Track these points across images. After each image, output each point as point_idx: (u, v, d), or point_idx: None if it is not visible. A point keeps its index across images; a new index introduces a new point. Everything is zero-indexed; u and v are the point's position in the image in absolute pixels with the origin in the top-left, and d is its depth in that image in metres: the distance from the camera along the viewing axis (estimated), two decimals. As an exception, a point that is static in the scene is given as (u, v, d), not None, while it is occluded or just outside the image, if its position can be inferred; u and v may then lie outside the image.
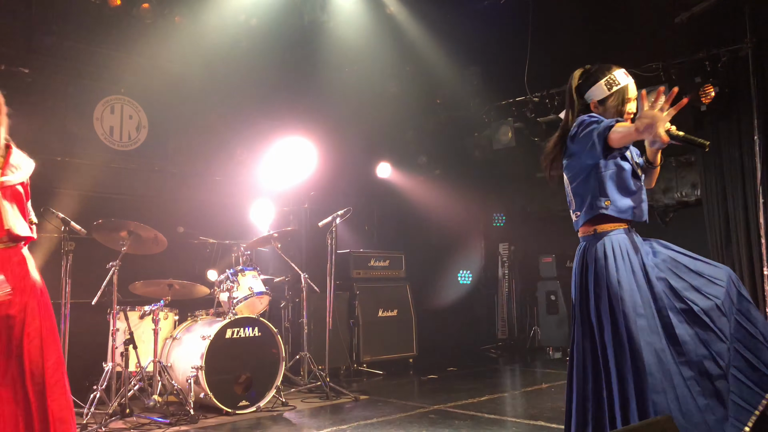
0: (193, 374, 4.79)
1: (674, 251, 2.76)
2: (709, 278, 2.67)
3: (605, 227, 2.73)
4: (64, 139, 6.19)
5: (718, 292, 2.63)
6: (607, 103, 2.77)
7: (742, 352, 2.59)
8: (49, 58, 6.04)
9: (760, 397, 2.53)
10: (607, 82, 2.77)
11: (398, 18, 7.47)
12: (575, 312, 2.79)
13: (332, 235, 6.09)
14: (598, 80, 2.79)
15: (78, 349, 5.01)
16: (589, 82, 2.82)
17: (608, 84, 2.77)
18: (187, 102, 7.02)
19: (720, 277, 2.67)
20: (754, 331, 2.60)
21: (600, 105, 2.78)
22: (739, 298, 2.66)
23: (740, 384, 2.56)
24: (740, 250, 6.17)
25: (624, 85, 2.78)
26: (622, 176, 2.73)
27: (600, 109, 2.78)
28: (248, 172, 7.42)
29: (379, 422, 4.64)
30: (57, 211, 4.57)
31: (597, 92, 2.78)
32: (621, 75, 2.79)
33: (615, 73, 2.79)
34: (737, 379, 2.57)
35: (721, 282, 2.65)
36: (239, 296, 5.28)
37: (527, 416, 4.70)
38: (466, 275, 9.54)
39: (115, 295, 4.71)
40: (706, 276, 2.67)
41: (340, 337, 6.89)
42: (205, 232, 6.13)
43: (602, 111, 2.77)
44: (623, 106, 2.76)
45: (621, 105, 2.76)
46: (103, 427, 4.33)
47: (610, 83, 2.77)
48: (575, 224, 2.88)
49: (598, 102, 2.78)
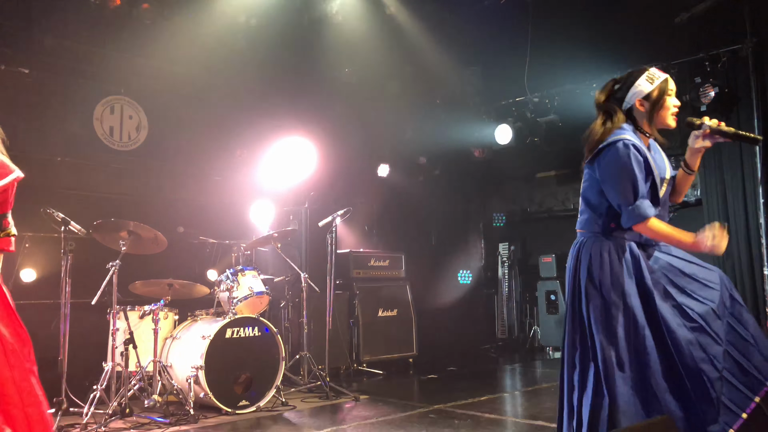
0: (193, 374, 4.79)
1: (669, 255, 2.77)
2: (703, 282, 2.69)
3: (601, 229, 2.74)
4: (64, 139, 6.19)
5: (713, 296, 2.65)
6: (652, 97, 2.73)
7: (734, 355, 2.60)
8: (49, 58, 6.04)
9: (749, 401, 2.54)
10: (647, 77, 2.74)
11: (398, 18, 7.48)
12: (567, 307, 2.80)
13: (332, 235, 6.09)
14: (637, 79, 2.76)
15: (78, 349, 5.01)
16: (627, 85, 2.78)
17: (649, 78, 2.74)
18: (187, 102, 7.02)
19: (713, 280, 2.70)
20: (746, 333, 2.62)
21: (646, 101, 2.73)
22: (732, 301, 2.68)
23: (730, 386, 2.58)
24: (740, 250, 6.17)
25: (665, 77, 2.77)
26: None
27: (646, 105, 2.73)
28: (248, 172, 7.42)
29: (379, 422, 4.64)
30: (57, 211, 4.57)
31: (640, 89, 2.74)
32: (657, 71, 2.78)
33: (651, 69, 2.78)
34: (728, 381, 2.58)
35: (714, 285, 2.68)
36: (239, 296, 5.28)
37: (527, 416, 4.70)
38: (466, 275, 9.54)
39: (115, 295, 4.71)
40: (701, 280, 2.70)
41: (340, 337, 6.89)
42: (205, 232, 6.13)
43: (648, 107, 2.73)
44: (665, 96, 2.74)
45: (665, 95, 2.74)
46: (103, 427, 4.33)
47: (651, 77, 2.74)
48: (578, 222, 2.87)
49: (644, 98, 2.73)
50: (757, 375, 2.56)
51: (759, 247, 5.93)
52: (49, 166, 6.07)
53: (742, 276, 6.12)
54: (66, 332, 4.54)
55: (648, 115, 2.74)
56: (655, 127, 2.77)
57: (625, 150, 2.60)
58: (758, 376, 2.56)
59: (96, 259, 4.96)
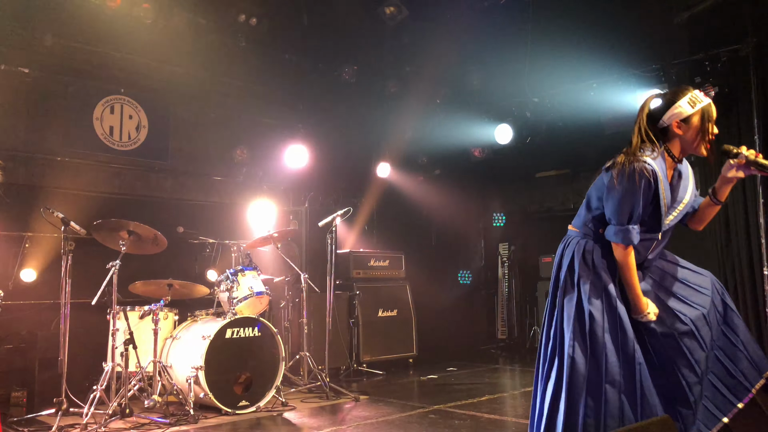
0: (193, 374, 4.79)
1: (661, 259, 2.79)
2: (695, 286, 2.72)
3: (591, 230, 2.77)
4: (64, 139, 6.20)
5: (704, 302, 2.67)
6: (691, 121, 2.62)
7: (722, 360, 2.63)
8: (49, 58, 6.04)
9: (731, 406, 2.56)
10: (689, 99, 2.63)
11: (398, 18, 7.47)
12: (549, 298, 2.81)
13: (332, 235, 6.09)
14: (678, 99, 2.64)
15: (78, 349, 5.01)
16: (667, 103, 2.67)
17: (691, 101, 2.62)
18: (187, 102, 7.02)
19: (705, 285, 2.73)
20: (735, 340, 2.64)
21: (684, 123, 2.63)
22: (724, 306, 2.70)
23: (715, 390, 2.60)
24: (740, 250, 6.16)
25: (708, 102, 2.64)
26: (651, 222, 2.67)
27: (683, 128, 2.63)
28: (248, 172, 7.42)
29: (379, 422, 4.64)
30: (57, 211, 4.57)
31: (679, 111, 2.62)
32: (700, 94, 2.66)
33: (695, 92, 2.65)
34: (713, 385, 2.61)
35: (706, 291, 2.71)
36: (239, 296, 5.28)
37: (527, 416, 4.68)
38: (466, 275, 9.54)
39: (115, 295, 4.71)
40: (692, 284, 2.72)
41: (340, 337, 6.89)
42: (205, 232, 6.13)
43: (685, 130, 2.63)
44: (707, 124, 2.62)
45: (705, 123, 2.62)
46: (103, 427, 4.33)
47: (693, 100, 2.62)
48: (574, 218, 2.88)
49: (682, 121, 2.63)
50: (743, 381, 2.57)
51: (759, 247, 5.92)
52: (49, 166, 6.07)
53: (742, 276, 6.12)
54: (66, 332, 4.53)
55: (682, 139, 2.65)
56: (686, 153, 2.69)
57: (641, 176, 2.53)
58: (744, 382, 2.57)
59: (96, 259, 4.96)
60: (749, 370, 2.58)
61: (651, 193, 2.58)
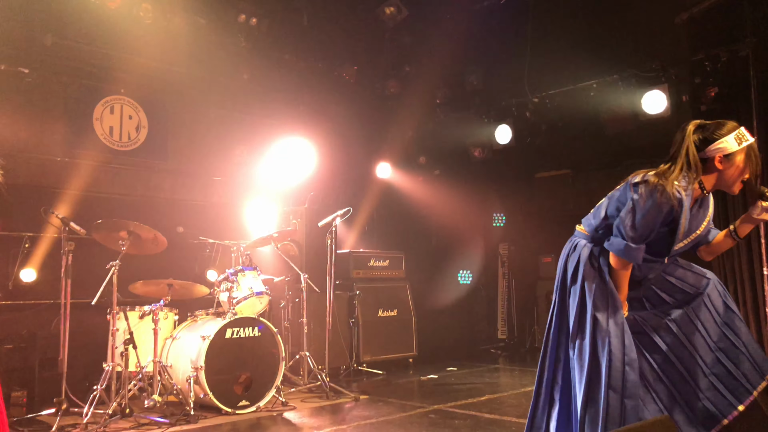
0: (193, 374, 4.79)
1: None
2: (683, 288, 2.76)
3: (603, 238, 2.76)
4: (64, 139, 6.20)
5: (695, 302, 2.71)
6: (734, 159, 2.56)
7: (724, 362, 2.63)
8: (49, 58, 6.04)
9: (732, 408, 2.56)
10: (736, 136, 2.56)
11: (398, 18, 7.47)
12: (555, 299, 2.81)
13: (332, 235, 6.09)
14: (724, 135, 2.57)
15: (78, 349, 5.02)
16: (711, 135, 2.59)
17: (738, 138, 2.56)
18: (187, 102, 7.02)
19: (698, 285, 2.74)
20: (737, 341, 2.64)
21: (726, 159, 2.57)
22: (725, 308, 2.70)
23: (716, 392, 2.60)
24: (740, 250, 6.16)
25: (752, 141, 2.58)
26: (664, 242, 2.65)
27: (725, 164, 2.57)
28: (248, 172, 7.42)
29: (379, 422, 4.64)
30: (57, 211, 4.57)
31: (725, 146, 2.55)
32: (747, 133, 2.60)
33: (742, 129, 2.60)
34: (714, 386, 2.61)
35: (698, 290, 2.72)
36: (239, 296, 5.28)
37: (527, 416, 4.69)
38: (466, 275, 9.54)
39: (115, 295, 4.71)
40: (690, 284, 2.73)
41: (340, 337, 6.89)
42: (205, 232, 6.13)
43: (727, 166, 2.58)
44: (747, 164, 2.58)
45: (744, 163, 2.58)
46: (103, 427, 4.33)
47: (740, 138, 2.57)
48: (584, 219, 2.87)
49: (725, 156, 2.56)
50: (744, 383, 2.57)
51: (759, 247, 5.92)
52: (49, 166, 6.07)
53: (742, 276, 6.12)
54: (66, 332, 4.54)
55: (720, 174, 2.60)
56: (718, 188, 2.66)
57: (668, 204, 2.49)
58: (745, 384, 2.57)
59: (96, 259, 4.97)
60: (751, 372, 2.58)
61: (669, 219, 2.55)
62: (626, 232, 2.57)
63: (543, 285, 8.52)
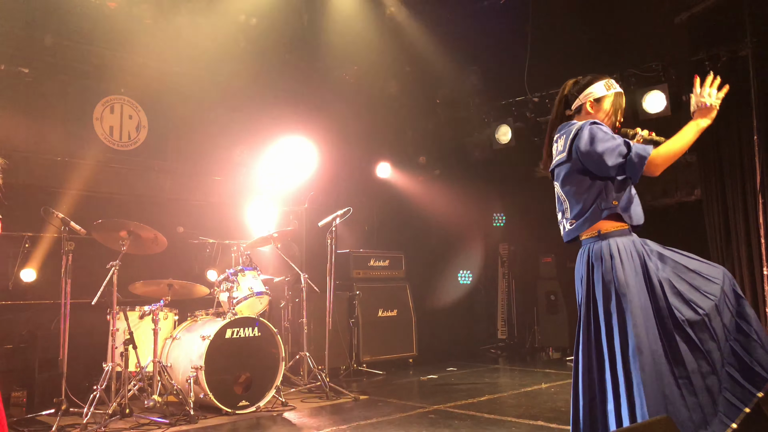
0: (193, 374, 4.79)
1: (671, 251, 2.78)
2: (707, 277, 2.72)
3: (609, 228, 2.74)
4: (64, 139, 6.20)
5: (716, 291, 2.68)
6: (602, 103, 2.85)
7: (738, 351, 2.62)
8: (49, 58, 6.04)
9: (751, 396, 2.56)
10: (606, 84, 2.87)
11: (398, 18, 7.48)
12: (581, 313, 2.79)
13: (332, 235, 6.09)
14: (595, 82, 2.88)
15: (78, 349, 5.01)
16: (584, 85, 2.90)
17: (607, 85, 2.86)
18: (187, 102, 7.02)
19: (717, 275, 2.72)
20: (749, 329, 2.64)
21: (596, 103, 2.85)
22: (736, 297, 2.70)
23: (733, 382, 2.59)
24: (740, 250, 6.17)
25: (621, 91, 2.89)
26: (626, 181, 2.76)
27: (595, 108, 2.85)
28: (248, 172, 7.42)
29: (379, 422, 4.64)
30: (57, 211, 4.57)
31: (595, 91, 2.86)
32: (615, 83, 2.90)
33: (611, 79, 2.90)
34: (731, 377, 2.61)
35: (717, 280, 2.70)
36: (239, 296, 5.28)
37: (527, 416, 4.70)
38: (466, 275, 9.53)
39: (115, 295, 4.71)
40: (704, 275, 2.71)
41: (340, 337, 6.89)
42: (205, 232, 6.13)
43: (596, 111, 2.85)
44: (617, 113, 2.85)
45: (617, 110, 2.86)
46: (103, 427, 4.33)
47: (609, 85, 2.87)
48: (567, 233, 2.87)
49: (595, 100, 2.85)
50: (759, 370, 2.58)
51: (759, 247, 5.92)
52: (49, 166, 6.07)
53: (741, 276, 6.12)
54: (66, 332, 4.54)
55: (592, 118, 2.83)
56: None
57: (598, 127, 2.70)
58: (761, 371, 2.57)
59: (96, 259, 4.96)
60: (765, 359, 2.59)
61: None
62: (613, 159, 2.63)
63: (543, 285, 8.51)
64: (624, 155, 2.62)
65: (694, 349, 2.59)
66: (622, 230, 2.74)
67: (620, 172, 2.66)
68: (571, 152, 2.75)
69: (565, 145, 2.79)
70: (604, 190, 2.73)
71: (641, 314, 2.60)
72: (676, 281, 2.69)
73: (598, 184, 2.73)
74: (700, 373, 2.58)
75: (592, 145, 2.66)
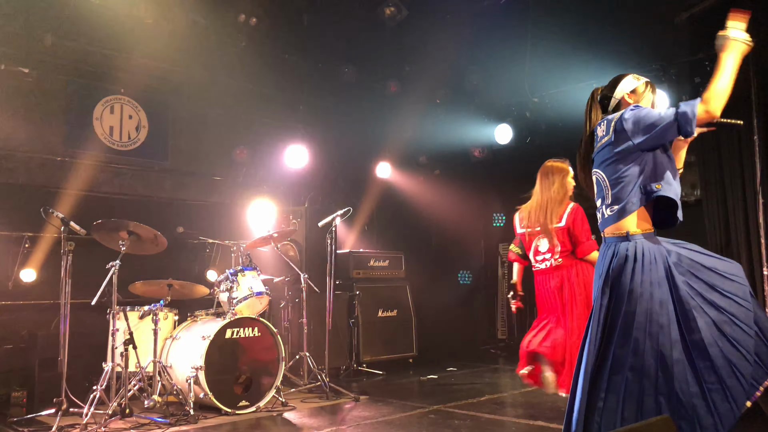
0: (193, 374, 4.79)
1: (687, 249, 2.78)
2: (724, 274, 2.72)
3: (636, 229, 2.74)
4: (64, 139, 6.20)
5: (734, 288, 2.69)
6: (638, 92, 2.94)
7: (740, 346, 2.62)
8: (49, 58, 6.04)
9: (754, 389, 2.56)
10: (633, 76, 2.97)
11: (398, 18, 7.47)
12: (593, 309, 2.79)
13: (332, 235, 6.09)
14: (623, 78, 2.98)
15: (78, 349, 5.01)
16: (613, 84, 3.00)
17: (635, 77, 2.97)
18: (187, 102, 7.02)
19: (736, 272, 2.74)
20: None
21: (633, 94, 2.94)
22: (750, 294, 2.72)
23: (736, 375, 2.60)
24: (740, 251, 6.16)
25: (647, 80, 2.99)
26: (671, 164, 2.78)
27: (633, 98, 2.93)
28: (248, 172, 7.42)
29: (379, 422, 4.64)
30: (57, 211, 4.56)
31: (627, 85, 2.95)
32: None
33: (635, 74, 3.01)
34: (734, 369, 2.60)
35: (736, 278, 2.72)
36: (239, 296, 5.28)
37: (527, 416, 4.70)
38: (466, 275, 9.53)
39: (115, 295, 4.71)
40: (721, 272, 2.72)
41: (340, 337, 6.89)
42: (205, 232, 6.13)
43: (635, 101, 2.92)
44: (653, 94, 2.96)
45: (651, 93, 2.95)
46: (103, 427, 4.33)
47: (637, 77, 2.97)
48: (604, 221, 2.84)
49: (631, 92, 2.94)
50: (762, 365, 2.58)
51: (759, 247, 5.92)
52: (49, 166, 6.07)
53: (741, 276, 6.12)
54: (66, 332, 4.53)
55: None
56: None
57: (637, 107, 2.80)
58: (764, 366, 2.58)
59: (96, 259, 4.96)
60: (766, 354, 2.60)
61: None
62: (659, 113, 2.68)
63: (543, 285, 8.50)
64: (674, 111, 2.64)
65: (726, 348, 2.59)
66: (648, 232, 2.74)
67: (676, 129, 2.63)
68: (617, 130, 2.75)
69: (608, 128, 2.81)
70: (650, 171, 2.72)
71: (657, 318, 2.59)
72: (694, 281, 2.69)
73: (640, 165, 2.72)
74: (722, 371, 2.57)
75: (643, 116, 2.70)
